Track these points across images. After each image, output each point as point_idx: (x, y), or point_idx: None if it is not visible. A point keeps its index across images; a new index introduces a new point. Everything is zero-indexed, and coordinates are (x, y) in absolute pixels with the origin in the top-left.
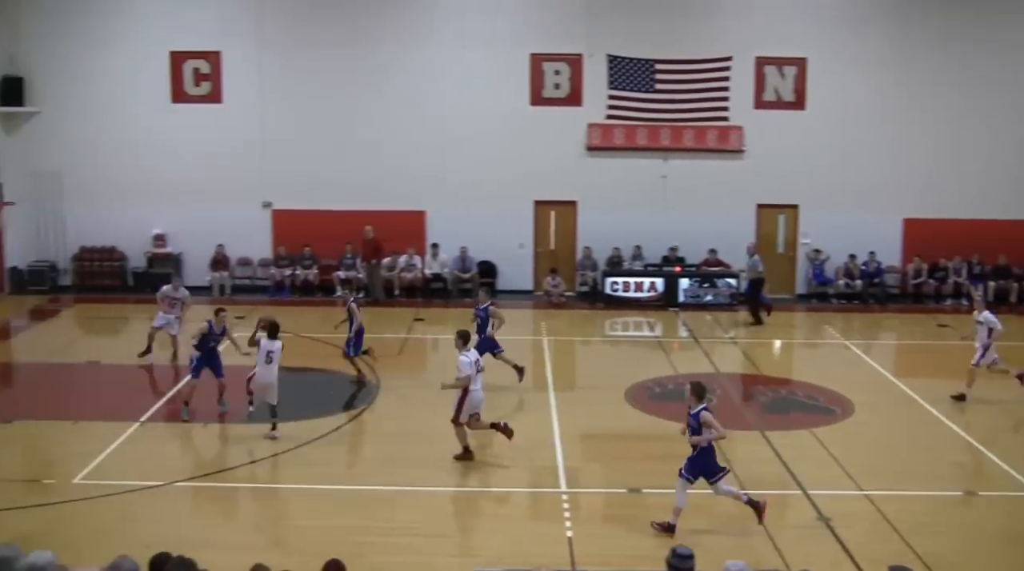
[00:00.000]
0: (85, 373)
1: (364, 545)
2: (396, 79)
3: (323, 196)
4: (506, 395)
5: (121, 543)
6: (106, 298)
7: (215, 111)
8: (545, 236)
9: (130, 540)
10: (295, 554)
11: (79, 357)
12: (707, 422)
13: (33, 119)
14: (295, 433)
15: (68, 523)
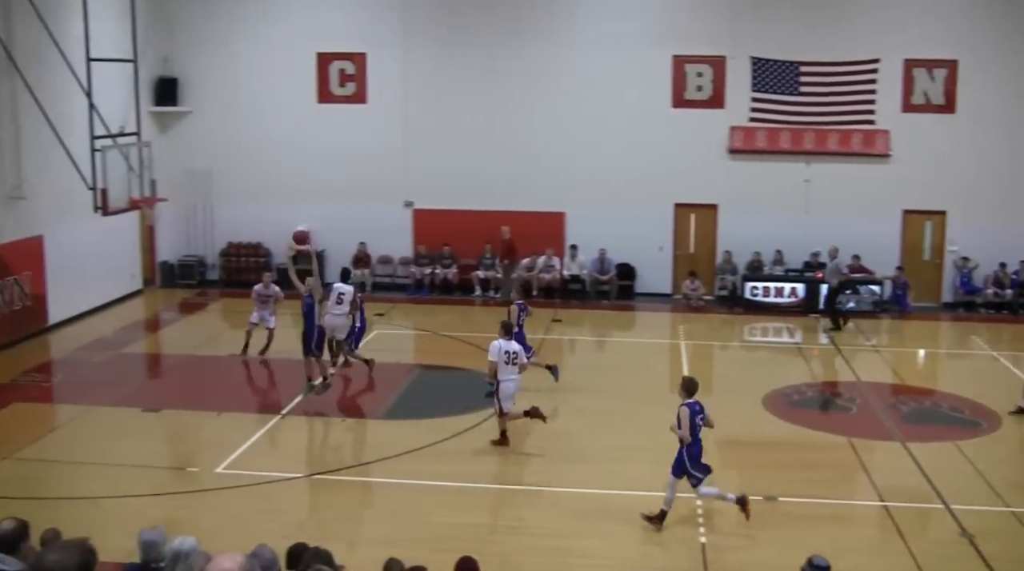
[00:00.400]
0: (229, 365)
1: (498, 543)
2: (538, 80)
3: (463, 196)
4: (639, 398)
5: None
6: (250, 293)
7: (359, 111)
8: (685, 239)
9: (268, 530)
10: (429, 550)
11: (223, 350)
12: (679, 418)
13: (185, 118)
14: (433, 430)
15: (209, 511)
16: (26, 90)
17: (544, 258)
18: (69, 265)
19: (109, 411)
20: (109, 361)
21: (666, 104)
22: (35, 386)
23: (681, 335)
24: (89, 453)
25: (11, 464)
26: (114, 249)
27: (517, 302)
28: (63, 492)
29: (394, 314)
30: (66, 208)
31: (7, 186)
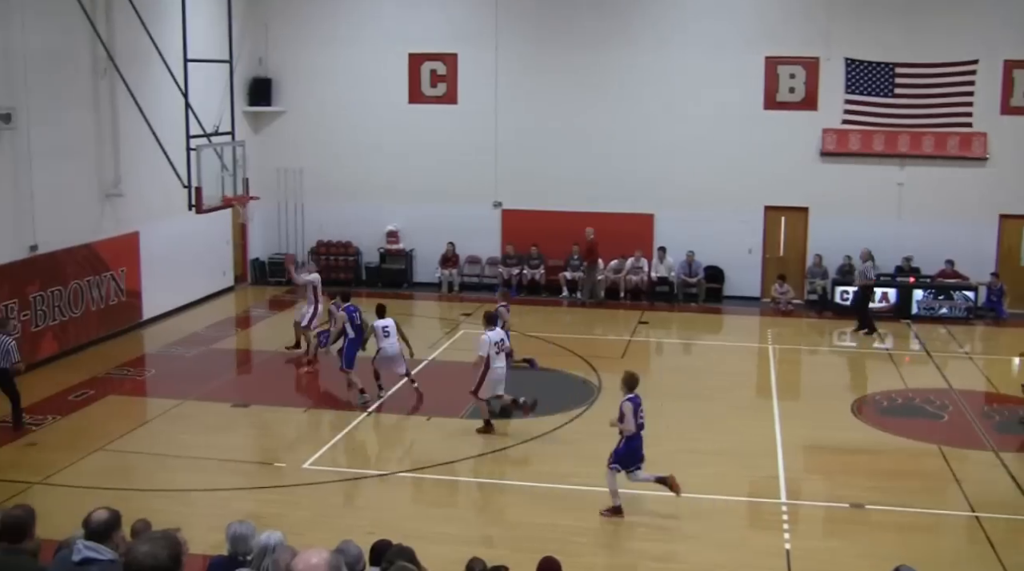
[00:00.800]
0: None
1: (578, 545)
2: (628, 80)
3: (552, 197)
4: (726, 402)
5: (344, 528)
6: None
7: (450, 112)
8: (775, 242)
9: (352, 526)
10: (512, 550)
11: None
12: (623, 413)
13: (279, 118)
14: (518, 430)
15: (295, 505)
16: (125, 90)
17: (632, 260)
18: (163, 262)
19: (199, 405)
20: (200, 356)
21: (758, 106)
22: (129, 380)
23: (769, 339)
24: (179, 446)
25: (104, 455)
26: (207, 246)
27: (501, 304)
28: (153, 484)
29: (481, 314)
30: (161, 206)
31: (106, 184)
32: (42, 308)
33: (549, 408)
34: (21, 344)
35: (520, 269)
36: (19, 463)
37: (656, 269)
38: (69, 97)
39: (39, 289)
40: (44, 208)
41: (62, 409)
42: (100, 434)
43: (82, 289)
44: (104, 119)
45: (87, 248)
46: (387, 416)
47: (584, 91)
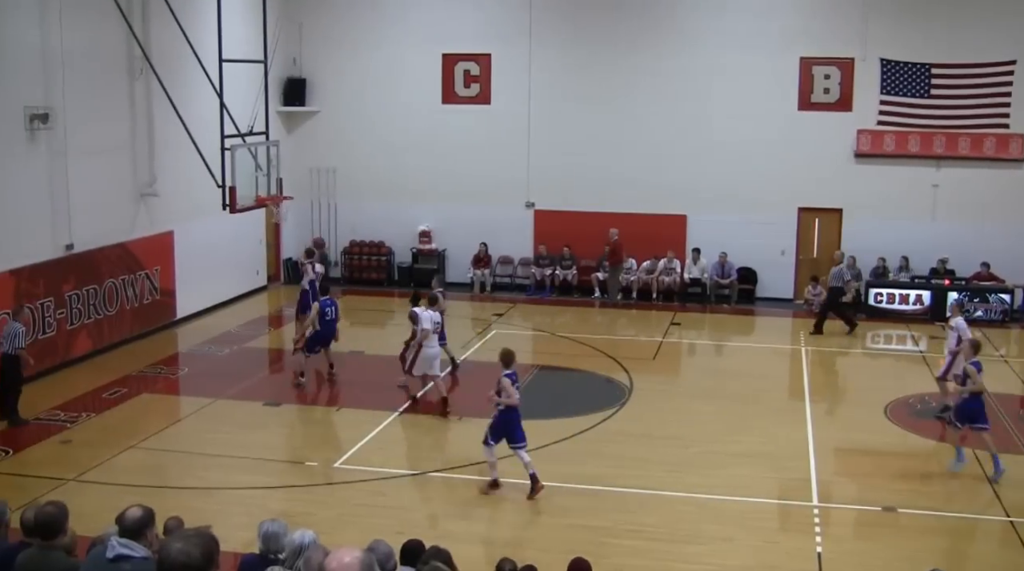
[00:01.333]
0: (349, 362)
1: (608, 546)
2: (662, 81)
3: (585, 198)
4: (758, 404)
5: (375, 528)
6: (372, 291)
7: (483, 112)
8: (808, 244)
9: (382, 525)
10: (541, 551)
11: (343, 347)
12: (503, 387)
13: (312, 118)
14: (548, 431)
15: (325, 504)
16: (161, 91)
17: (664, 261)
18: (197, 261)
19: (232, 404)
20: (233, 355)
21: (792, 106)
22: (162, 378)
23: (802, 341)
24: (211, 444)
25: (137, 453)
26: (240, 246)
27: (438, 289)
28: (185, 481)
29: (513, 314)
30: (195, 205)
31: (141, 183)
32: (77, 306)
33: (580, 409)
34: (55, 342)
35: (552, 270)
36: (53, 460)
37: (689, 270)
38: (105, 97)
39: (74, 287)
40: (80, 207)
41: (96, 407)
42: (133, 432)
43: (117, 288)
44: (140, 119)
45: (122, 247)
46: (418, 416)
47: (617, 92)
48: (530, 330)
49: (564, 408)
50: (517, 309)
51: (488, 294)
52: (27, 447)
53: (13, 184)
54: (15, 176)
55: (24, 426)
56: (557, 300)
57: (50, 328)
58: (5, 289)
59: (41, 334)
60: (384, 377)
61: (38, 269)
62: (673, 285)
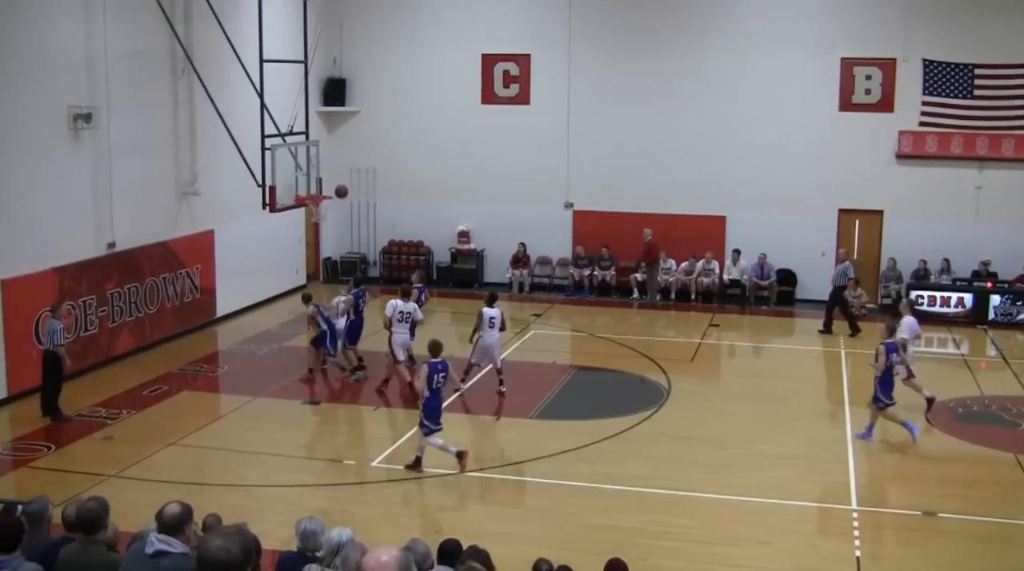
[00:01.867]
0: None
1: (644, 547)
2: (702, 81)
3: (624, 198)
4: (796, 406)
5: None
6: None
7: (522, 112)
8: (849, 245)
9: (420, 524)
10: (577, 551)
11: (382, 347)
12: (420, 375)
13: (352, 118)
14: (586, 431)
15: (363, 503)
16: (202, 90)
17: (703, 262)
18: (237, 260)
19: (271, 402)
20: (272, 354)
21: (833, 107)
22: (202, 376)
23: (841, 343)
24: (250, 442)
25: (177, 450)
26: (280, 245)
27: (417, 285)
28: (224, 479)
29: (551, 315)
30: (236, 204)
31: (182, 182)
32: (119, 304)
33: (617, 410)
34: (97, 339)
35: (591, 270)
36: (95, 456)
37: (729, 271)
38: (148, 97)
39: (116, 285)
40: (122, 206)
41: (137, 404)
42: (174, 429)
43: (158, 286)
44: (182, 119)
45: (163, 246)
46: (456, 416)
47: (657, 92)
48: (568, 331)
49: (602, 409)
50: (555, 309)
51: (526, 294)
52: (69, 443)
53: (57, 183)
54: (59, 175)
55: (67, 423)
56: (595, 301)
57: (92, 326)
58: (48, 287)
59: (83, 332)
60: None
61: (81, 267)
62: (712, 286)
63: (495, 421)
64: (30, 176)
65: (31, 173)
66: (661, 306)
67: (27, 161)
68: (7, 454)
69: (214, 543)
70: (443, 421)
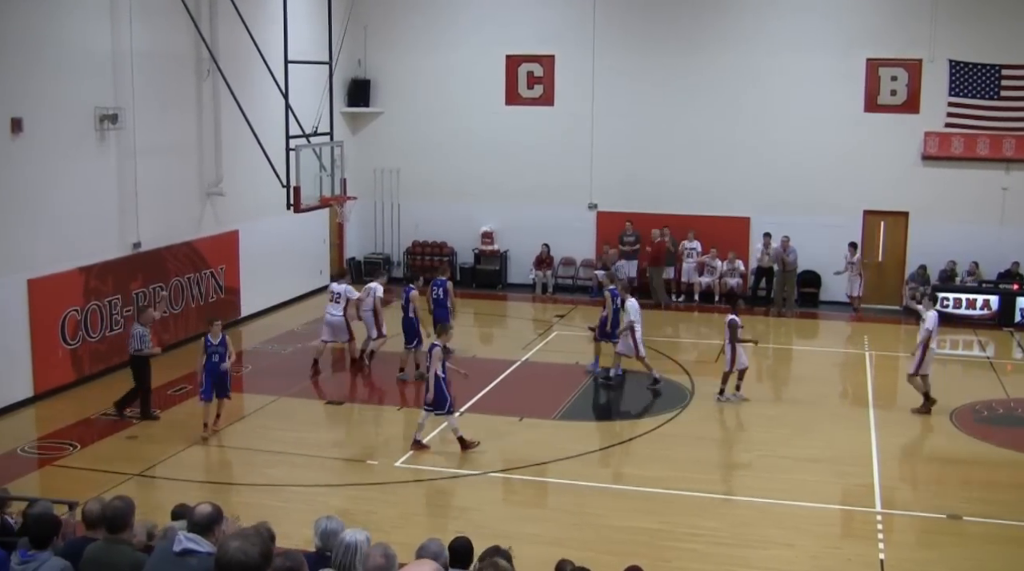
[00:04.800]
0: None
1: (667, 549)
2: (726, 82)
3: (648, 199)
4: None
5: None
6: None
7: (546, 113)
8: (873, 247)
9: (443, 525)
10: (599, 552)
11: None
12: (435, 356)
13: (377, 119)
14: (609, 432)
15: (386, 503)
16: (227, 91)
17: (727, 262)
18: (261, 260)
19: (295, 402)
20: (295, 354)
21: (858, 108)
22: None
23: (866, 345)
24: (273, 442)
25: (201, 449)
26: (304, 245)
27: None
28: (249, 478)
29: (575, 316)
30: (260, 205)
31: (207, 183)
32: (144, 303)
33: (640, 412)
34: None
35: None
36: (120, 455)
37: (760, 259)
38: (173, 98)
39: (141, 285)
40: (148, 206)
41: (162, 403)
42: (198, 428)
43: (183, 286)
44: (206, 119)
45: (188, 246)
46: (480, 416)
47: (681, 93)
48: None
49: (625, 410)
50: (578, 311)
51: (550, 295)
52: (94, 442)
53: (83, 183)
54: (85, 175)
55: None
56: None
57: (117, 325)
58: (74, 286)
59: (109, 331)
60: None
61: (106, 267)
62: (737, 288)
63: (518, 422)
64: (56, 176)
65: (57, 173)
66: (684, 308)
67: (53, 161)
68: (32, 452)
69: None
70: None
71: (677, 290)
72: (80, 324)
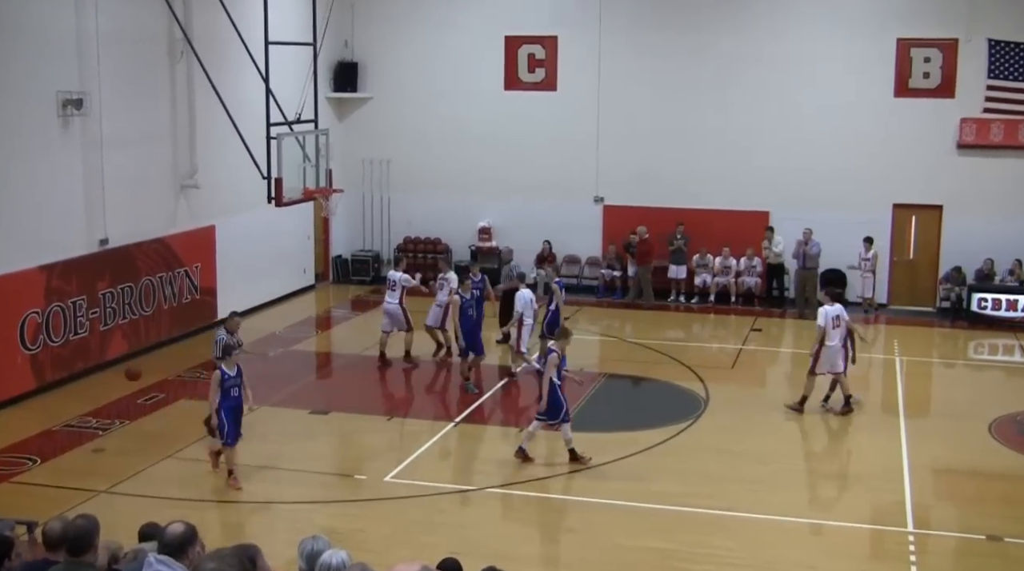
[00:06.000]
0: (402, 368)
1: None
2: (743, 66)
3: (658, 192)
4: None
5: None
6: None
7: (549, 99)
8: (903, 243)
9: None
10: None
11: (397, 351)
12: (551, 362)
13: (365, 105)
14: (617, 444)
15: (376, 521)
16: (203, 75)
17: (744, 260)
18: (240, 258)
19: (276, 411)
20: (277, 359)
21: (887, 93)
22: (202, 383)
23: (896, 350)
24: (254, 455)
25: (174, 463)
26: (286, 242)
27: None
28: (226, 495)
29: (580, 318)
30: (239, 198)
31: (181, 174)
32: (112, 305)
33: (651, 421)
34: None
35: (623, 270)
36: (85, 470)
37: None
38: (144, 82)
39: (109, 285)
40: (116, 199)
41: (131, 413)
42: (171, 440)
43: (154, 286)
44: (180, 106)
45: (160, 242)
46: (478, 427)
47: (694, 77)
48: (598, 335)
49: (634, 420)
50: (584, 312)
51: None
52: (56, 456)
53: (45, 174)
54: (47, 165)
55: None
56: (629, 303)
57: (82, 328)
58: (35, 286)
59: (73, 335)
60: (439, 383)
61: (70, 265)
62: (755, 288)
63: (518, 433)
64: (15, 166)
65: (16, 163)
66: (699, 309)
67: (11, 150)
68: None
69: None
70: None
71: (688, 291)
72: (41, 327)
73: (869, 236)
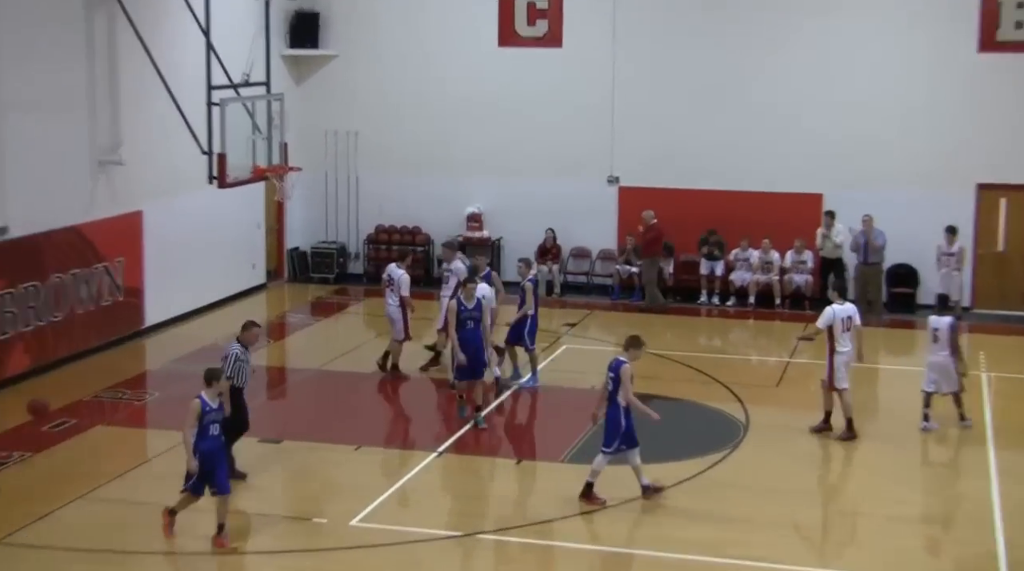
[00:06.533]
0: (374, 386)
1: None
2: (788, 17)
3: (685, 172)
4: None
5: None
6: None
7: (552, 57)
8: (990, 232)
9: None
10: None
11: (367, 366)
12: (624, 375)
13: (328, 65)
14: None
15: None
16: (129, 28)
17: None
18: (174, 250)
19: None
20: None
21: (970, 48)
22: (125, 405)
23: (982, 364)
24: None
25: (90, 505)
26: (231, 231)
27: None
28: (153, 545)
29: (590, 324)
30: (172, 178)
31: (100, 149)
32: (11, 309)
33: (678, 452)
34: None
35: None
36: None
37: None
38: (54, 38)
39: (8, 285)
40: (17, 179)
41: (34, 444)
42: (84, 477)
43: (65, 285)
44: (100, 65)
45: (73, 231)
46: (463, 458)
47: (729, 32)
48: (612, 346)
49: (658, 450)
50: (594, 317)
51: (556, 297)
52: None
53: None
54: None
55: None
56: (649, 306)
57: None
58: None
59: None
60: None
61: None
62: (805, 287)
63: (515, 466)
64: None
65: None
66: (736, 313)
67: None
68: None
69: None
70: None
71: (722, 290)
72: None
73: (952, 225)
